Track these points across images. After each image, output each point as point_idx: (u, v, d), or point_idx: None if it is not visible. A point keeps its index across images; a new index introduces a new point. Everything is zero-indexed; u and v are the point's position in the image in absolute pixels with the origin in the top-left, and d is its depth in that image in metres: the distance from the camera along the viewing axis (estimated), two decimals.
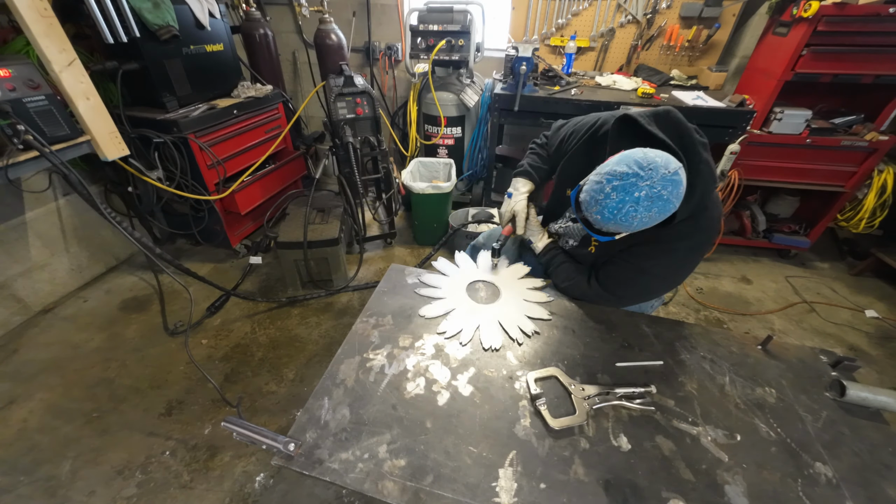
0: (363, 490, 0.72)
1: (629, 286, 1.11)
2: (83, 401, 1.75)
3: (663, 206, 0.83)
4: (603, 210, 0.86)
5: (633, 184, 0.82)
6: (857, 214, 2.50)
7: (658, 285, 1.10)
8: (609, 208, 0.85)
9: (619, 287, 1.11)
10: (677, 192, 0.83)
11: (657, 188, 0.81)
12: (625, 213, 0.84)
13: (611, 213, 0.85)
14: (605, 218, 0.87)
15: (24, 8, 1.44)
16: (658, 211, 0.83)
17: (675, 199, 0.84)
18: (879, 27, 1.95)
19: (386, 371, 0.95)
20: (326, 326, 2.16)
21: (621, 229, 0.89)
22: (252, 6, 2.73)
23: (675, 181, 0.82)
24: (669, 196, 0.82)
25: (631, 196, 0.82)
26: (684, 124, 0.94)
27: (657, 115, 0.96)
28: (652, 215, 0.84)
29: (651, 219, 0.85)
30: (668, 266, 1.04)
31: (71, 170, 1.57)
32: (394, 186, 2.65)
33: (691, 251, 1.02)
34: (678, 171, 0.83)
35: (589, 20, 2.74)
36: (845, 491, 0.74)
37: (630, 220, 0.84)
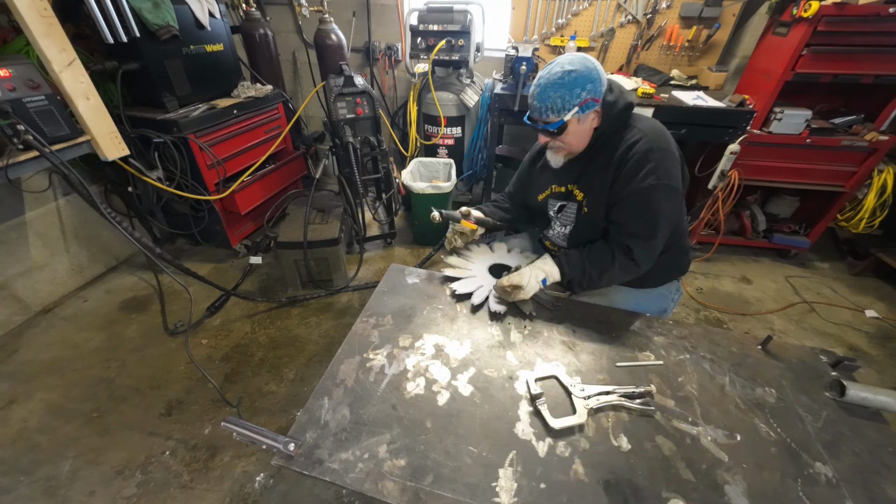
0: (363, 490, 0.72)
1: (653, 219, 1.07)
2: (83, 401, 1.75)
3: (581, 61, 1.02)
4: (540, 80, 1.06)
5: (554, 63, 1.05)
6: (857, 214, 2.50)
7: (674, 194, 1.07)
8: (544, 77, 1.05)
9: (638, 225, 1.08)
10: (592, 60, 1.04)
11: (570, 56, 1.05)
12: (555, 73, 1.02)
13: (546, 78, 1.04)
14: (543, 86, 1.04)
15: (24, 8, 1.44)
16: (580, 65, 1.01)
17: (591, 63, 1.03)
18: (879, 27, 1.95)
19: (386, 371, 0.95)
20: (326, 326, 2.16)
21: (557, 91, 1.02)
22: (252, 6, 2.73)
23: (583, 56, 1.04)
24: (585, 56, 1.04)
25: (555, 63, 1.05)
26: None
27: None
28: (578, 69, 1.01)
29: (579, 75, 1.01)
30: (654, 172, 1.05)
31: (71, 170, 1.57)
32: (394, 186, 2.65)
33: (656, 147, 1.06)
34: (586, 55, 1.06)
35: (589, 20, 2.74)
36: (845, 491, 0.74)
37: (561, 76, 1.02)
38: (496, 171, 2.90)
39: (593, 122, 1.10)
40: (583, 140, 1.14)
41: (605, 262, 1.13)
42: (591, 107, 1.06)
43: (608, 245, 1.14)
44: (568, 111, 1.04)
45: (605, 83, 1.06)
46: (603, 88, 1.06)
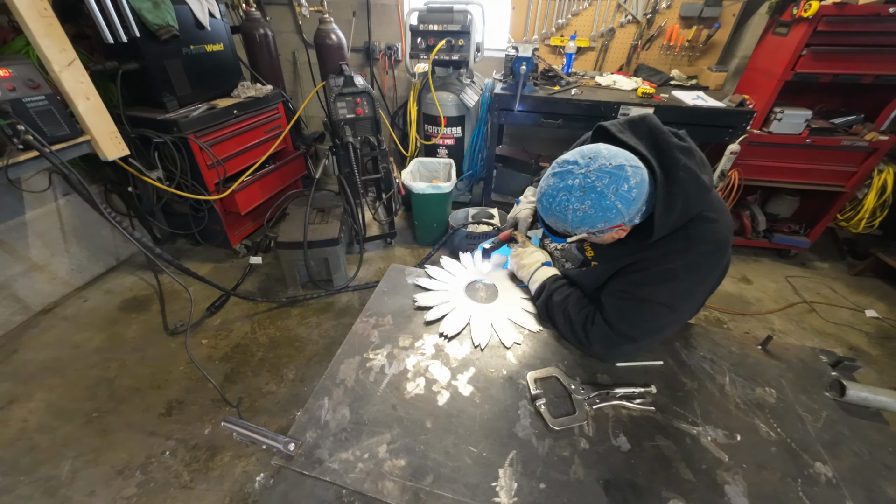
0: (363, 490, 0.72)
1: (635, 322, 0.93)
2: (83, 401, 1.75)
3: (597, 199, 0.77)
4: (542, 198, 0.85)
5: (570, 171, 0.80)
6: (857, 214, 2.50)
7: (667, 316, 0.93)
8: (546, 195, 0.83)
9: (622, 321, 0.94)
10: (615, 187, 0.77)
11: (591, 178, 0.77)
12: (558, 201, 0.81)
13: (548, 200, 0.83)
14: (544, 207, 0.85)
15: (24, 8, 1.44)
16: (592, 205, 0.78)
17: (613, 195, 0.77)
18: (879, 27, 1.95)
19: (386, 371, 0.95)
20: (326, 326, 2.16)
21: (559, 223, 0.84)
22: (252, 6, 2.73)
23: (614, 174, 0.77)
24: (605, 189, 0.76)
25: (565, 183, 0.80)
26: (658, 128, 0.86)
27: (631, 122, 0.91)
28: (586, 209, 0.78)
29: (586, 214, 0.79)
30: (669, 292, 0.90)
31: (71, 170, 1.57)
32: (394, 186, 2.65)
33: (691, 270, 0.87)
34: (623, 166, 0.77)
35: (589, 20, 2.74)
36: (845, 491, 0.74)
37: (563, 210, 0.80)
38: (496, 171, 2.91)
39: (617, 235, 0.89)
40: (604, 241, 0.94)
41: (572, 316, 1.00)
42: (610, 231, 0.84)
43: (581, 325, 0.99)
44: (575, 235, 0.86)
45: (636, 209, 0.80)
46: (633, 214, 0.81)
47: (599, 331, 0.96)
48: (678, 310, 0.92)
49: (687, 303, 0.93)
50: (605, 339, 0.95)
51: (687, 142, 0.86)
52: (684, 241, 0.86)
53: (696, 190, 0.81)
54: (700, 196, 0.82)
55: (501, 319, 1.09)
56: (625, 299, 0.94)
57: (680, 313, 0.94)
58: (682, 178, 0.80)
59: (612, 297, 0.97)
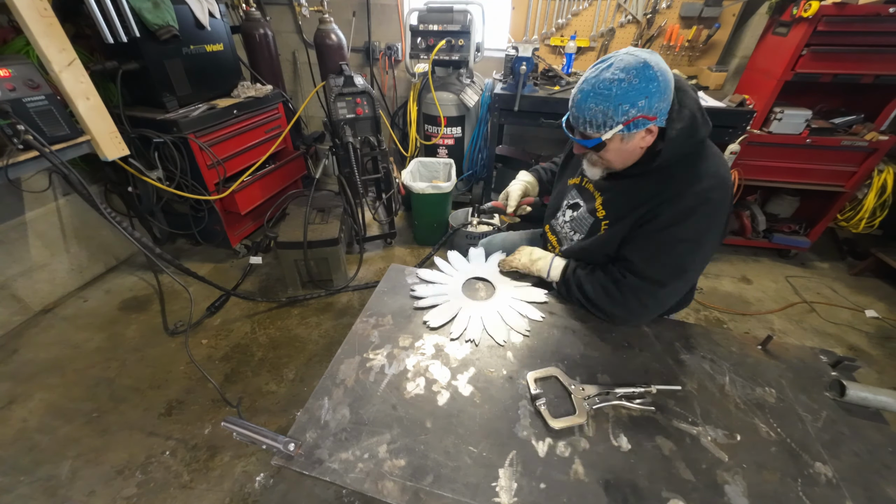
0: (363, 490, 0.72)
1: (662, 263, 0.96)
2: (83, 401, 1.75)
3: (641, 69, 0.81)
4: (584, 84, 0.88)
5: (610, 56, 0.86)
6: (857, 214, 2.50)
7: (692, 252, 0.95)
8: (587, 79, 0.87)
9: (650, 266, 0.97)
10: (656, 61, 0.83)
11: (634, 54, 0.83)
12: (602, 79, 0.84)
13: (590, 83, 0.86)
14: (585, 93, 0.87)
15: (24, 8, 1.44)
16: (637, 74, 0.81)
17: (655, 68, 0.82)
18: (879, 27, 1.95)
19: (386, 371, 0.95)
20: (326, 326, 2.16)
21: (600, 103, 0.85)
22: (252, 6, 2.73)
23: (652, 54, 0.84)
24: (647, 61, 0.82)
25: (608, 64, 0.85)
26: None
27: None
28: (630, 79, 0.82)
29: (631, 84, 0.82)
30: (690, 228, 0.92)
31: (71, 170, 1.57)
32: (394, 186, 2.65)
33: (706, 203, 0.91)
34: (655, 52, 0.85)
35: (589, 20, 2.74)
36: (845, 491, 0.74)
37: (609, 84, 0.83)
38: (496, 171, 2.90)
39: (643, 141, 0.92)
40: (627, 159, 0.97)
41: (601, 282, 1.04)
42: (642, 125, 0.87)
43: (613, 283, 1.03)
44: (609, 129, 0.87)
45: (669, 98, 0.86)
46: (665, 105, 0.86)
47: (630, 283, 1.00)
48: (702, 244, 0.96)
49: (708, 234, 0.95)
50: (636, 290, 0.99)
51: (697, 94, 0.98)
52: (694, 177, 0.92)
53: (700, 112, 0.91)
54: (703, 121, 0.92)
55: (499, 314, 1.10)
56: (647, 246, 0.98)
57: (704, 249, 0.97)
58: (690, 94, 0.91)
59: (634, 249, 1.01)
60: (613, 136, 0.88)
